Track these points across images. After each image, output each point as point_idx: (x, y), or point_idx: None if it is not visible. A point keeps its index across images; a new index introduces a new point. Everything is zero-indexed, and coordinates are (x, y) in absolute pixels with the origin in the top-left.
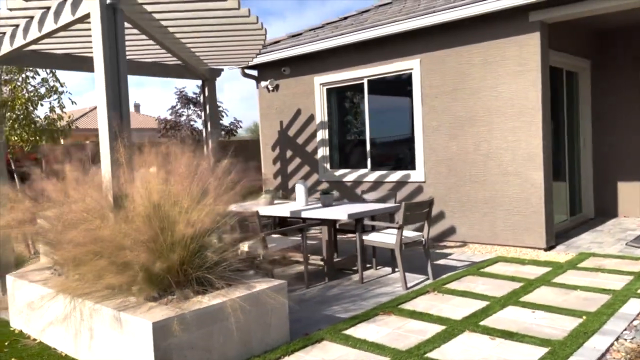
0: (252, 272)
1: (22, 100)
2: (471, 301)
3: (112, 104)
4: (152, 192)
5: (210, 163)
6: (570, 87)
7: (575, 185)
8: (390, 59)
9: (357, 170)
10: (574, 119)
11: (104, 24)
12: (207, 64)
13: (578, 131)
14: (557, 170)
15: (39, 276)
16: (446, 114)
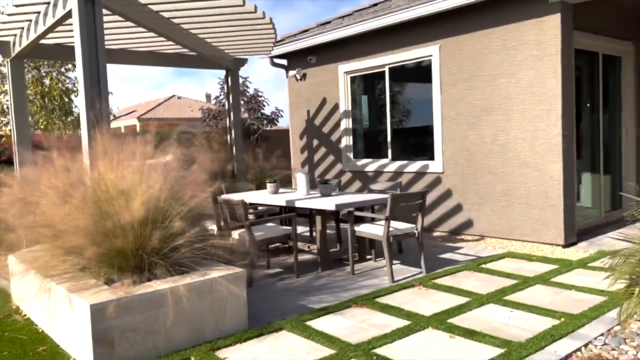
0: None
1: (57, 91)
2: (452, 297)
3: (90, 95)
4: (104, 180)
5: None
6: (609, 73)
7: (614, 178)
8: (410, 45)
9: (378, 160)
10: (614, 107)
11: (81, 17)
12: (229, 55)
13: (619, 120)
14: (592, 162)
15: (27, 255)
16: (464, 102)
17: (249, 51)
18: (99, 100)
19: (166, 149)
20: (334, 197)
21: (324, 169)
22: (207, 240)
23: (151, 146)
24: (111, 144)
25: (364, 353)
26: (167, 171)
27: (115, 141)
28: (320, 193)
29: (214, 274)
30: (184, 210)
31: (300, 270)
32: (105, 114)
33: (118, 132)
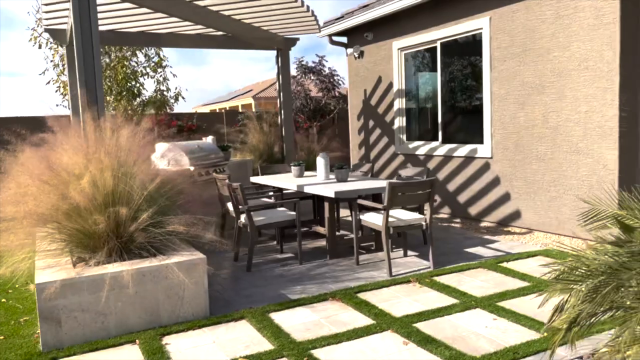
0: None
1: (121, 75)
2: (440, 298)
3: (84, 79)
4: (62, 165)
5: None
6: None
7: None
8: (461, 18)
9: (429, 143)
10: None
11: (74, 6)
12: (278, 35)
13: None
14: None
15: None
16: (515, 79)
17: (297, 31)
18: (93, 88)
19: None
20: (341, 184)
21: (378, 152)
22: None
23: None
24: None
25: (298, 353)
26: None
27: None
28: (336, 178)
29: (174, 259)
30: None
31: (309, 257)
32: (100, 99)
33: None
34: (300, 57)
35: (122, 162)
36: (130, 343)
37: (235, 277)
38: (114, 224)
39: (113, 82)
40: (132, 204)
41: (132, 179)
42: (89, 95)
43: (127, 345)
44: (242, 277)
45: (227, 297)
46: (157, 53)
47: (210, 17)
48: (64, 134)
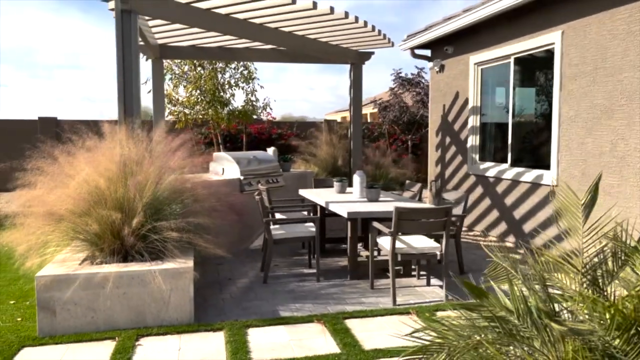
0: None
1: (209, 86)
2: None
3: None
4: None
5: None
6: None
7: None
8: (535, 32)
9: (498, 165)
10: None
11: (117, 28)
12: (351, 50)
13: None
14: None
15: None
16: (584, 100)
17: (370, 46)
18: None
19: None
20: (363, 204)
21: (452, 170)
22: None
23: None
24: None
25: None
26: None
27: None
28: (367, 198)
29: (163, 266)
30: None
31: (332, 276)
32: (136, 108)
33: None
34: (399, 69)
35: (134, 171)
36: (111, 339)
37: (248, 288)
38: (112, 228)
39: (206, 93)
40: (134, 211)
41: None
42: (126, 107)
43: (107, 341)
44: (255, 288)
45: (225, 306)
46: (246, 67)
47: (284, 38)
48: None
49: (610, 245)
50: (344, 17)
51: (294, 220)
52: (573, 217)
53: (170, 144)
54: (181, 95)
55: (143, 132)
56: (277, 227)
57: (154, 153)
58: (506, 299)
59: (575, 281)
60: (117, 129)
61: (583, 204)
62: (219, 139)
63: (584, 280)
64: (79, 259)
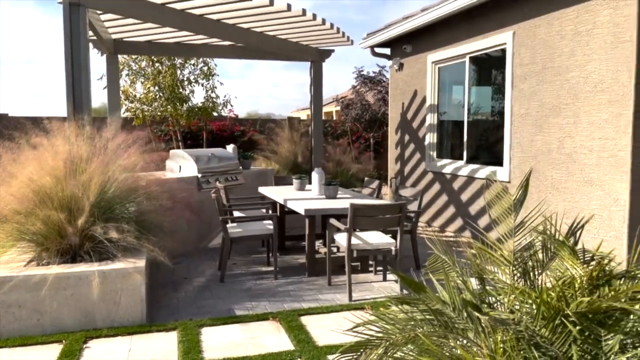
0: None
1: (168, 82)
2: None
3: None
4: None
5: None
6: None
7: None
8: (487, 32)
9: (454, 162)
10: None
11: (66, 21)
12: (311, 47)
13: None
14: None
15: None
16: (534, 99)
17: (330, 44)
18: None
19: None
20: (320, 201)
21: (411, 167)
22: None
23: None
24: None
25: None
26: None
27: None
28: (325, 195)
29: (112, 266)
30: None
31: (291, 273)
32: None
33: None
34: (361, 67)
35: (82, 169)
36: (58, 342)
37: (204, 287)
38: (58, 228)
39: (164, 90)
40: (82, 210)
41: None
42: (76, 103)
43: (54, 345)
44: (211, 287)
45: (179, 305)
46: (206, 63)
47: (242, 35)
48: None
49: (540, 238)
50: (302, 14)
51: (252, 218)
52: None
53: (124, 141)
54: (139, 91)
55: (94, 128)
56: (235, 225)
57: (105, 150)
58: (444, 292)
59: (508, 274)
60: (66, 125)
61: (515, 200)
62: (179, 136)
63: (516, 273)
64: (24, 260)
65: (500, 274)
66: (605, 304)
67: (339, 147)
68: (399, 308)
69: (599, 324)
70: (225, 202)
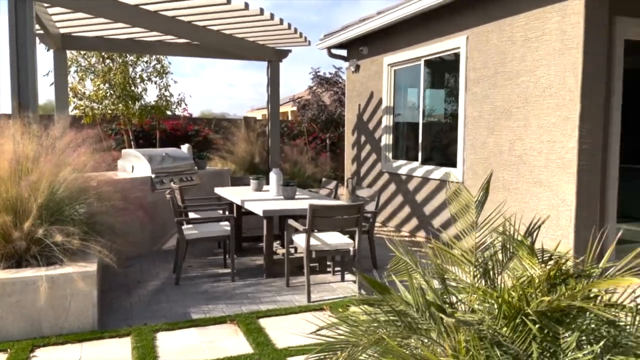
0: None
1: (119, 79)
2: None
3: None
4: None
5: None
6: None
7: None
8: (442, 36)
9: (410, 163)
10: None
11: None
12: (268, 47)
13: None
14: None
15: None
16: (486, 102)
17: (287, 44)
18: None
19: None
20: (278, 202)
21: (367, 168)
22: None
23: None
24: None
25: None
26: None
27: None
28: (283, 195)
29: (60, 270)
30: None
31: (248, 275)
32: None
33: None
34: (317, 68)
35: (28, 170)
36: (2, 352)
37: (159, 290)
38: (2, 231)
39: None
40: (28, 212)
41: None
42: (21, 100)
43: None
44: (166, 290)
45: (133, 310)
46: (159, 61)
47: (198, 33)
48: None
49: (500, 238)
50: (259, 13)
51: (208, 219)
52: (467, 213)
53: (72, 139)
54: (88, 89)
55: (41, 127)
56: (191, 227)
57: (52, 149)
58: (407, 292)
59: (469, 273)
60: (11, 123)
61: (476, 201)
62: (131, 135)
63: (477, 273)
64: None
65: (461, 274)
66: (565, 302)
67: (295, 148)
68: (361, 309)
69: (557, 322)
70: (180, 203)
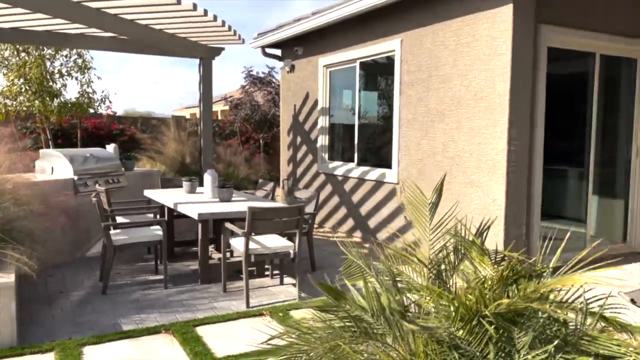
0: None
1: (35, 74)
2: None
3: None
4: None
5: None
6: (615, 79)
7: (612, 205)
8: (377, 38)
9: (346, 164)
10: (622, 121)
11: None
12: (201, 44)
13: (629, 137)
14: (578, 184)
15: None
16: (420, 105)
17: (220, 41)
18: None
19: None
20: (215, 204)
21: (303, 169)
22: None
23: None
24: None
25: None
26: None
27: None
28: (219, 198)
29: None
30: None
31: (182, 281)
32: None
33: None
34: (250, 67)
35: None
36: None
37: (84, 300)
38: None
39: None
40: None
41: None
42: None
43: None
44: (93, 300)
45: (56, 323)
46: (80, 55)
47: (126, 27)
48: None
49: (452, 240)
50: (192, 9)
51: (138, 223)
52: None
53: None
54: (1, 84)
55: None
56: (119, 232)
57: None
58: (360, 297)
59: (422, 275)
60: None
61: (430, 203)
62: (48, 135)
63: (430, 275)
64: None
65: (415, 276)
66: (524, 305)
67: (229, 148)
68: (317, 315)
69: (511, 323)
70: (107, 207)
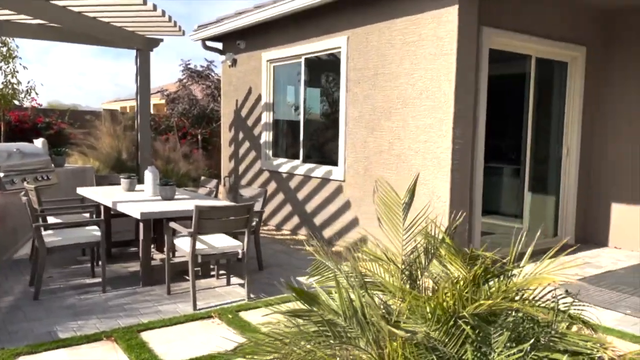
0: None
1: None
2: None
3: None
4: None
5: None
6: (548, 81)
7: (545, 201)
8: (322, 35)
9: (291, 161)
10: (554, 122)
11: None
12: (138, 35)
13: (559, 137)
14: (514, 181)
15: None
16: (367, 103)
17: (159, 32)
18: None
19: None
20: (158, 203)
21: (246, 166)
22: None
23: None
24: None
25: None
26: None
27: None
28: (161, 196)
29: None
30: None
31: (123, 284)
32: None
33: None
34: (188, 60)
35: None
36: None
37: (14, 307)
38: None
39: None
40: None
41: None
42: None
43: None
44: (24, 307)
45: None
46: (5, 43)
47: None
48: None
49: (422, 241)
50: None
51: (73, 223)
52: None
53: None
54: None
55: None
56: (52, 233)
57: None
58: (330, 300)
59: (395, 276)
60: None
61: (404, 203)
62: None
63: (403, 276)
64: None
65: (387, 277)
66: (504, 305)
67: (167, 144)
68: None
69: (487, 322)
70: (37, 206)
